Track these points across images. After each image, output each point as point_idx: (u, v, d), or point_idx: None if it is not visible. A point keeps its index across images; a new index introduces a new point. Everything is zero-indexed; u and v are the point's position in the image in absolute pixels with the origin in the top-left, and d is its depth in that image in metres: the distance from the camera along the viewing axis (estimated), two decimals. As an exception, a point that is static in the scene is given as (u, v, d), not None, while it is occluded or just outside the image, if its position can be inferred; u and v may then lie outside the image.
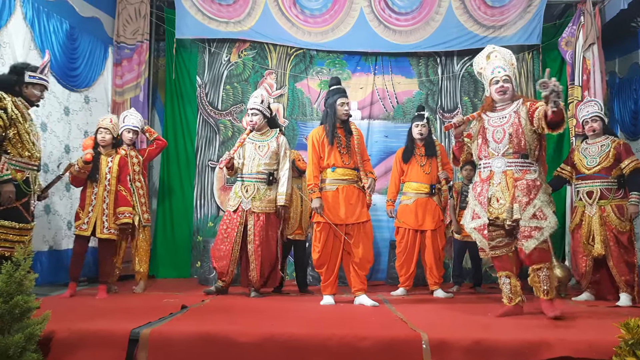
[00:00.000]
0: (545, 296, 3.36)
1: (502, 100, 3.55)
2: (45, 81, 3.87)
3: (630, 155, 4.44)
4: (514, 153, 3.42)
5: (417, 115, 4.97)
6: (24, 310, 2.37)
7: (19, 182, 3.65)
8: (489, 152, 3.51)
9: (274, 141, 4.56)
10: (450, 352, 2.53)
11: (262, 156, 4.50)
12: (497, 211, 3.41)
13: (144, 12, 6.28)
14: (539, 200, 3.35)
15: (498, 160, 3.45)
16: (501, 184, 3.42)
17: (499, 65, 3.55)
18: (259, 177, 4.48)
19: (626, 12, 5.56)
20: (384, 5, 6.37)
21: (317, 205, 4.01)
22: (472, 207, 3.58)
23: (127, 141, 4.86)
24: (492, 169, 3.49)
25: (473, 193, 3.61)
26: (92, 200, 4.32)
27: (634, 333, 2.33)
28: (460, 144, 3.74)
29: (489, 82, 3.59)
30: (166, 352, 2.58)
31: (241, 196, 4.45)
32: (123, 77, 6.20)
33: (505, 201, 3.37)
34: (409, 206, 4.84)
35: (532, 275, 3.39)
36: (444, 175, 4.89)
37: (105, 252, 4.42)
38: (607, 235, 4.39)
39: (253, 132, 4.55)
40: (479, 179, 3.58)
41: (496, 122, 3.51)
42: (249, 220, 4.43)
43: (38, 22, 4.85)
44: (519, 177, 3.39)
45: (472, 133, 3.67)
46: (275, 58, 6.62)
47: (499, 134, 3.47)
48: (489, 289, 5.45)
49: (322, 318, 3.30)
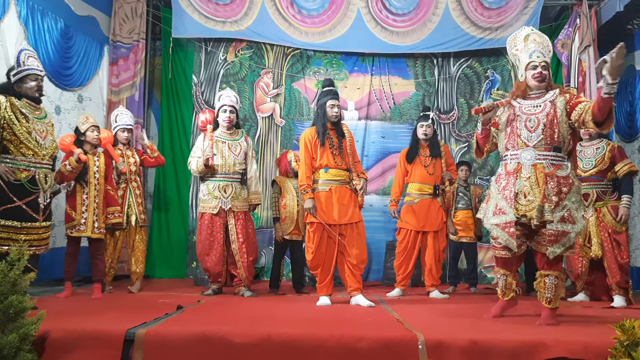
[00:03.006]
0: (547, 304, 3.20)
1: (538, 88, 3.28)
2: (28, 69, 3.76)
3: (624, 158, 4.48)
4: (546, 145, 3.16)
5: (422, 115, 4.94)
6: (19, 310, 2.35)
7: (22, 181, 3.66)
8: (519, 143, 3.23)
9: (244, 141, 4.64)
10: (447, 353, 2.53)
11: (236, 156, 4.55)
12: (525, 208, 3.14)
13: (141, 11, 6.27)
14: (569, 202, 3.12)
15: (528, 152, 3.18)
16: (530, 179, 3.15)
17: (538, 49, 3.27)
18: (234, 177, 4.53)
19: (622, 14, 5.59)
20: (381, 6, 6.38)
21: (310, 206, 4.00)
22: (495, 201, 3.27)
23: (123, 140, 4.84)
24: (520, 161, 3.21)
25: (496, 186, 3.31)
26: (83, 200, 4.30)
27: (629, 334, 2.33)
28: (487, 132, 3.42)
29: (525, 66, 3.30)
30: (162, 352, 2.57)
31: (219, 197, 4.45)
32: (119, 76, 6.18)
33: (534, 197, 3.11)
34: (413, 207, 4.82)
35: (539, 280, 3.25)
36: (448, 176, 4.89)
37: (98, 252, 4.42)
38: (603, 237, 4.42)
39: (221, 131, 4.56)
40: (504, 171, 3.29)
41: (529, 110, 3.24)
42: (229, 220, 4.47)
43: (32, 20, 4.83)
44: (550, 172, 3.13)
45: (499, 121, 3.39)
46: (272, 58, 6.62)
47: (532, 123, 3.19)
48: (485, 289, 5.46)
49: (318, 319, 3.30)
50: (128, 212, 4.68)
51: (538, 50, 3.28)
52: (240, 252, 4.43)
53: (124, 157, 4.75)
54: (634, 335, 2.33)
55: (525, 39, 3.34)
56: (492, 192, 3.37)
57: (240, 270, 4.44)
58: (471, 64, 6.58)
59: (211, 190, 4.47)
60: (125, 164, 4.68)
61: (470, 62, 6.57)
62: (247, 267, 4.46)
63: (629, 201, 4.39)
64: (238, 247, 4.43)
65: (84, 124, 4.42)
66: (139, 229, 4.76)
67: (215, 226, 4.43)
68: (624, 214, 4.37)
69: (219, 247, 4.43)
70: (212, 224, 4.43)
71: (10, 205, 3.61)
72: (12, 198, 3.63)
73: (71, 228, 4.28)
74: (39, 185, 3.77)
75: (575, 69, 5.95)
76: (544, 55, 3.27)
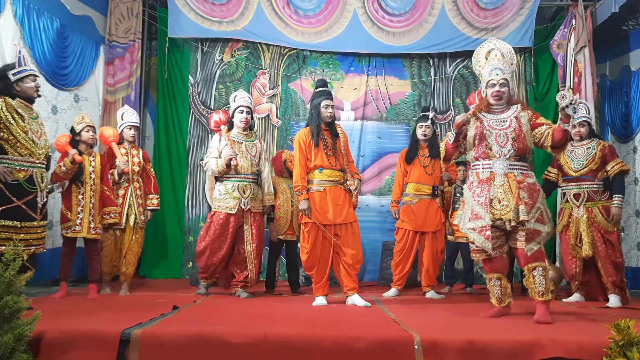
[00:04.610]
0: (540, 297, 3.29)
1: (498, 105, 3.51)
2: (29, 70, 3.82)
3: (615, 157, 4.48)
4: (515, 156, 3.42)
5: (422, 115, 4.94)
6: (14, 310, 2.34)
7: (20, 181, 3.66)
8: (490, 155, 3.45)
9: (258, 143, 4.67)
10: (443, 353, 2.54)
11: (253, 156, 4.56)
12: (500, 212, 3.35)
13: (137, 11, 6.25)
14: (540, 204, 3.38)
15: (500, 162, 3.41)
16: (504, 186, 3.38)
17: (497, 66, 3.48)
18: (252, 177, 4.54)
19: (617, 15, 5.61)
20: (377, 7, 6.39)
21: (305, 207, 4.00)
22: (471, 207, 3.47)
23: (129, 138, 4.80)
24: (492, 170, 3.43)
25: (470, 193, 3.50)
26: (79, 200, 4.28)
27: (624, 334, 2.34)
28: (457, 143, 3.61)
29: (486, 83, 3.53)
30: (157, 352, 2.56)
31: (238, 197, 4.43)
32: (115, 76, 6.16)
33: (508, 202, 3.33)
34: (411, 207, 4.82)
35: (527, 276, 3.37)
36: (447, 176, 4.89)
37: (93, 252, 4.41)
38: (595, 237, 4.42)
39: (236, 132, 4.57)
40: (477, 179, 3.49)
41: (497, 125, 3.47)
42: (245, 220, 4.46)
43: (28, 20, 4.81)
44: (520, 179, 3.38)
45: (466, 133, 3.56)
46: (269, 58, 6.61)
47: (502, 138, 3.43)
48: (481, 289, 5.47)
49: (314, 319, 3.30)
50: (128, 212, 4.64)
51: (498, 67, 3.48)
52: (254, 254, 4.46)
53: (128, 156, 4.72)
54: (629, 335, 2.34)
55: (488, 54, 3.57)
56: (466, 199, 3.56)
57: (251, 273, 4.46)
58: (467, 65, 6.58)
59: (230, 190, 4.44)
60: (127, 164, 4.64)
61: (466, 63, 6.57)
62: (258, 269, 4.51)
63: (620, 201, 4.39)
64: (253, 249, 4.45)
65: (79, 124, 4.40)
66: (136, 230, 4.72)
67: (230, 226, 4.41)
68: (615, 214, 4.37)
69: (227, 247, 4.42)
70: (226, 223, 4.40)
71: (9, 206, 3.61)
72: (11, 198, 3.63)
73: (67, 228, 4.26)
74: (36, 184, 3.77)
75: (571, 70, 5.96)
76: (502, 72, 3.48)
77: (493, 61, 3.51)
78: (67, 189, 4.32)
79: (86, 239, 4.34)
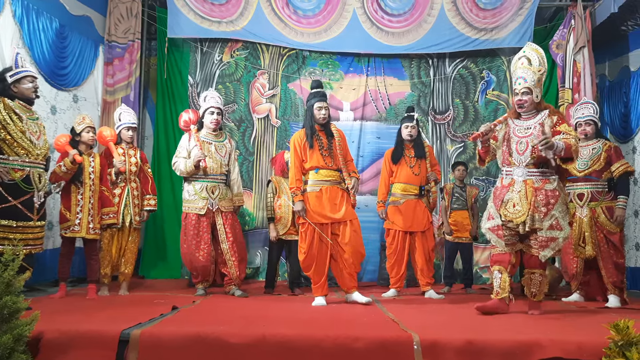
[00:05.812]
0: (531, 297, 3.64)
1: (523, 112, 3.65)
2: (26, 71, 3.85)
3: (620, 158, 4.47)
4: (535, 164, 3.55)
5: (407, 116, 4.97)
6: (13, 310, 2.34)
7: (17, 180, 3.68)
8: (511, 162, 3.64)
9: (228, 143, 4.70)
10: (442, 353, 2.54)
11: (222, 157, 4.60)
12: (511, 215, 3.55)
13: (136, 11, 6.25)
14: (556, 212, 3.50)
15: (520, 170, 3.59)
16: (521, 192, 3.55)
17: (521, 75, 3.61)
18: (221, 178, 4.59)
19: (616, 15, 5.61)
20: (376, 7, 6.38)
21: (300, 209, 4.03)
22: (489, 209, 3.73)
23: (127, 139, 4.80)
24: (513, 177, 3.62)
25: (492, 197, 3.78)
26: (78, 201, 4.29)
27: (623, 334, 2.35)
28: (487, 147, 3.81)
29: (513, 91, 3.72)
30: (157, 353, 2.57)
31: (207, 197, 4.47)
32: (114, 76, 6.16)
33: (521, 207, 3.50)
34: (399, 208, 4.84)
35: (526, 276, 3.69)
36: (433, 176, 4.90)
37: (92, 252, 4.41)
38: (598, 237, 4.43)
39: (206, 132, 4.59)
40: (500, 184, 3.72)
41: (521, 133, 3.63)
42: (217, 219, 4.50)
43: (27, 20, 4.81)
44: (538, 186, 3.53)
45: (497, 136, 3.77)
46: (268, 58, 6.61)
47: (522, 146, 3.59)
48: (480, 289, 5.47)
49: (314, 319, 3.30)
50: (124, 212, 4.64)
51: (521, 76, 3.61)
52: (231, 251, 4.48)
53: (125, 156, 4.72)
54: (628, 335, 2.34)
55: (516, 63, 3.68)
56: (488, 202, 3.83)
57: (232, 269, 4.49)
58: (466, 65, 6.59)
59: (198, 191, 4.49)
60: (123, 163, 4.63)
61: (465, 63, 6.58)
62: (237, 265, 4.51)
63: (624, 202, 4.40)
64: (229, 247, 4.49)
65: (79, 125, 4.41)
66: (132, 231, 4.71)
67: (202, 226, 4.46)
68: (619, 215, 4.37)
69: (206, 246, 4.46)
70: (198, 224, 4.46)
71: (5, 205, 3.62)
72: (7, 198, 3.64)
73: (66, 228, 4.27)
74: (33, 184, 3.79)
75: (570, 70, 5.96)
76: (525, 80, 3.59)
77: (519, 70, 3.64)
78: (67, 189, 4.32)
79: (85, 239, 4.34)
